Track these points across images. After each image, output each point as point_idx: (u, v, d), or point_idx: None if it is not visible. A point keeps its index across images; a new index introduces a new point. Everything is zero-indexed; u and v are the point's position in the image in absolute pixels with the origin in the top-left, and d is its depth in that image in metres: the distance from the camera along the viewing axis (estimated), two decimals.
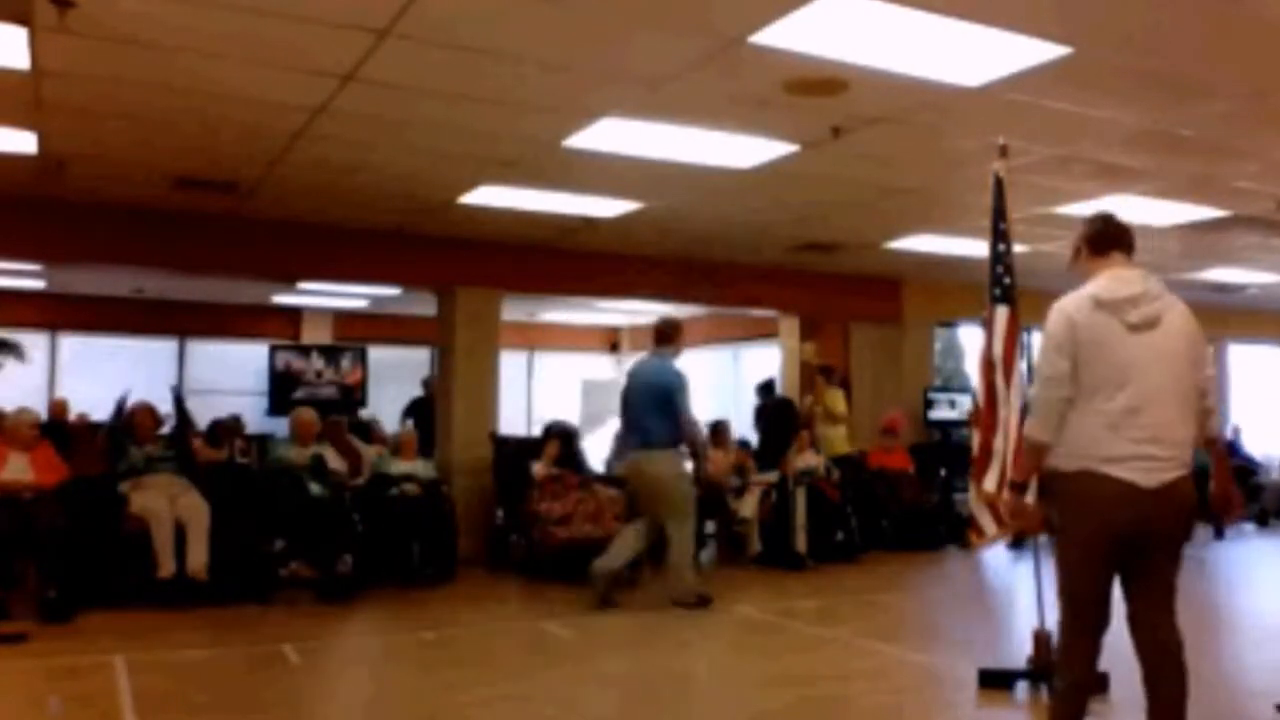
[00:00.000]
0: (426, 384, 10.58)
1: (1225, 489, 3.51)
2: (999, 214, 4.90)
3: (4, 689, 4.74)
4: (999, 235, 4.90)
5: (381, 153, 6.26)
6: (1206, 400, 3.37)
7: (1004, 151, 4.92)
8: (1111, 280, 3.37)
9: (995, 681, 4.55)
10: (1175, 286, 4.42)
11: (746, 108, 5.31)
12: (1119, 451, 3.17)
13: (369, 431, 8.96)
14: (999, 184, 4.90)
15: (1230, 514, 3.56)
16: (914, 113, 5.37)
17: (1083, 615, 3.25)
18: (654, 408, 6.54)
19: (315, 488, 7.13)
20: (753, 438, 9.98)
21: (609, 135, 5.76)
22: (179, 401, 7.29)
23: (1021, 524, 3.94)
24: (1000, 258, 4.88)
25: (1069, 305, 3.36)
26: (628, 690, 4.88)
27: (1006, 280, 4.85)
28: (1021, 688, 4.57)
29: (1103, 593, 3.25)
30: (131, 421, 7.00)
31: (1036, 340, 4.84)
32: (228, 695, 4.66)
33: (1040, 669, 4.54)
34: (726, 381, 14.56)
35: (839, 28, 4.24)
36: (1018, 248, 8.79)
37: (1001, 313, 4.80)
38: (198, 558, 6.51)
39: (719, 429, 9.47)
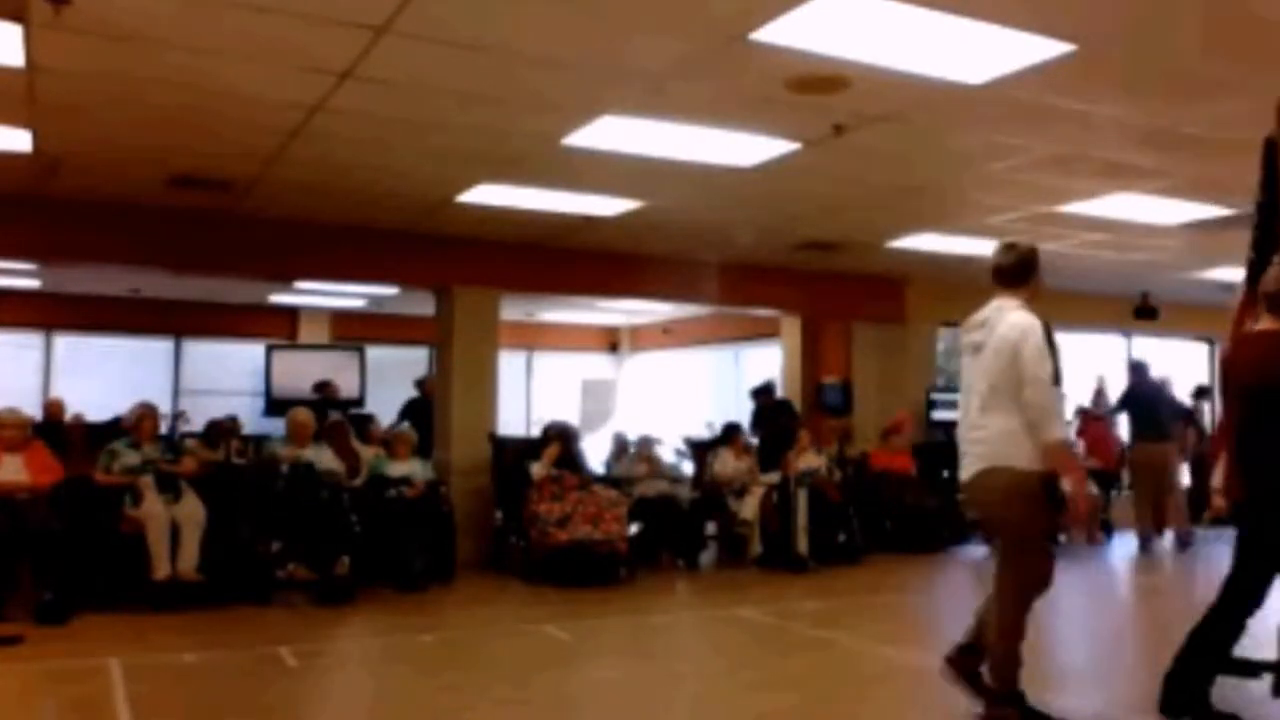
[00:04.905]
0: (420, 384, 10.52)
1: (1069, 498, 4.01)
2: (1268, 186, 4.42)
3: None
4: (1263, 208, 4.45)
5: (379, 151, 6.21)
6: (1027, 413, 3.88)
7: None
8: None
9: (1240, 671, 4.23)
10: (1179, 285, 4.37)
11: (748, 105, 5.27)
12: (960, 449, 4.14)
13: (366, 430, 8.91)
14: (1271, 147, 4.41)
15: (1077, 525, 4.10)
16: (916, 110, 5.32)
17: None
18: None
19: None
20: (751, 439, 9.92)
21: (609, 133, 5.71)
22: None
23: None
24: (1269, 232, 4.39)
25: None
26: (626, 693, 4.84)
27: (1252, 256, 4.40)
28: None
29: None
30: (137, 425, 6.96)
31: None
32: (224, 699, 4.62)
33: None
34: (727, 381, 14.52)
35: (840, 25, 4.19)
36: None
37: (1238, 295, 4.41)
38: (188, 560, 6.47)
39: (733, 431, 9.42)
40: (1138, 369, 10.25)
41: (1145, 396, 10.13)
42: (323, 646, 5.82)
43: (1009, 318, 4.01)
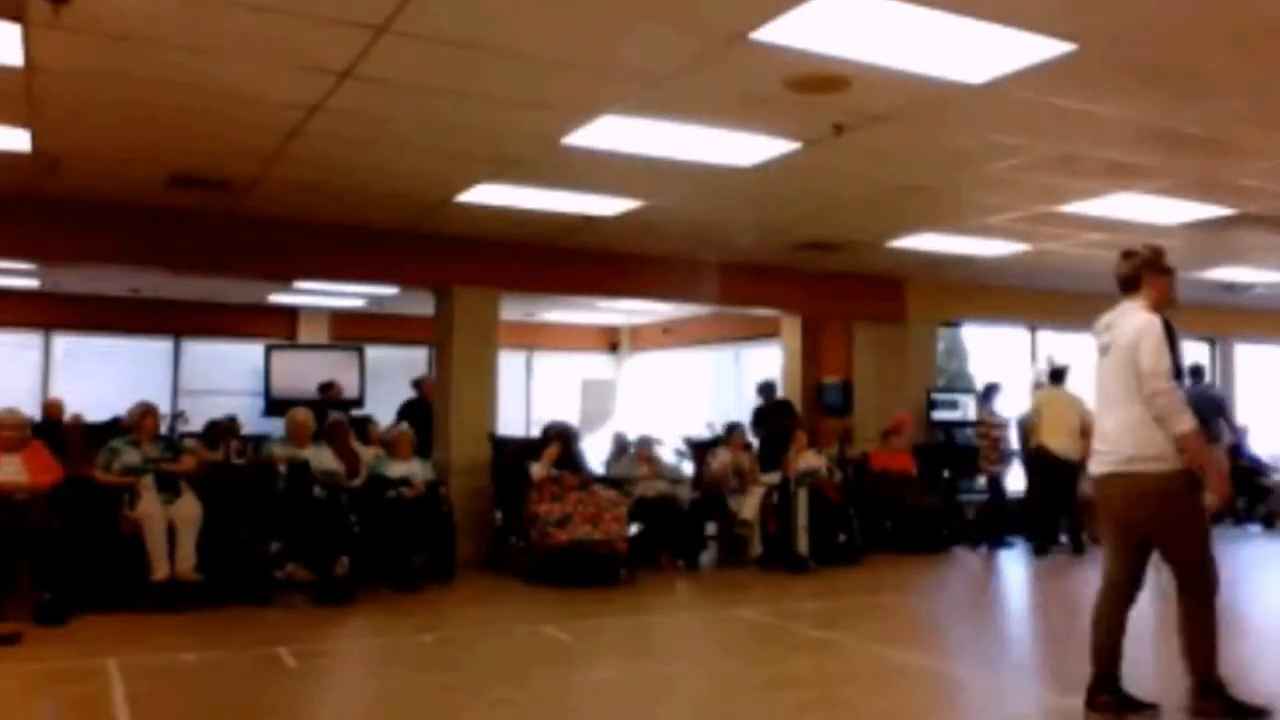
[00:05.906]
0: (418, 384, 10.51)
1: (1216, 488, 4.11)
2: None
3: None
4: None
5: (378, 151, 6.20)
6: (1152, 408, 3.97)
7: None
8: None
9: None
10: (1179, 285, 4.38)
11: (747, 105, 5.26)
12: (1094, 446, 4.27)
13: (365, 431, 8.90)
14: None
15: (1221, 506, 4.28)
16: (917, 110, 5.31)
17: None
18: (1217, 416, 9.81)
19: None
20: (751, 439, 9.90)
21: (609, 133, 5.70)
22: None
23: None
24: None
25: None
26: (626, 694, 4.83)
27: None
28: None
29: (1109, 553, 4.28)
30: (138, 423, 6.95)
31: (1043, 341, 4.76)
32: (223, 699, 4.61)
33: None
34: (727, 381, 14.51)
35: (840, 24, 4.19)
36: (1020, 246, 8.83)
37: None
38: (184, 559, 6.46)
39: (733, 431, 9.41)
40: (1197, 372, 10.22)
41: (1199, 398, 10.11)
42: (322, 647, 5.81)
43: (1130, 319, 4.15)
